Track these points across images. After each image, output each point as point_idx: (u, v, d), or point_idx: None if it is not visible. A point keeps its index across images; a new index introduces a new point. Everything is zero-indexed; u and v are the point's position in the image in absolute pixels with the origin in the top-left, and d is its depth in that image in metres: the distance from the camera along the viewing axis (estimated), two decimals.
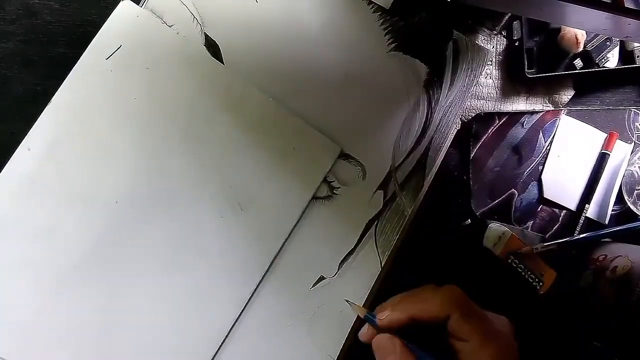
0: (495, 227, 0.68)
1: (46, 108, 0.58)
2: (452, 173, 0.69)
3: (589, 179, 0.70)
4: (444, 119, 0.65)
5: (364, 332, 0.56)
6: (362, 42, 0.63)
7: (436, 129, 0.64)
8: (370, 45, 0.63)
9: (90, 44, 0.59)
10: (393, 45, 0.63)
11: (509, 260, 0.67)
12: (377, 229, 0.63)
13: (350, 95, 0.63)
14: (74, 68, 0.58)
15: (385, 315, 0.53)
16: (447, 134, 0.65)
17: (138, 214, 0.59)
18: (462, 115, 0.67)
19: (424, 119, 0.64)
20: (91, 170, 0.58)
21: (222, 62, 0.61)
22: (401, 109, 0.63)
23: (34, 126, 0.58)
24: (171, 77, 0.60)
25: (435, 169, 0.65)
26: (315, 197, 0.61)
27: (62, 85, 0.58)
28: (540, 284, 0.67)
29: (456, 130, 0.67)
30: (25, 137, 0.57)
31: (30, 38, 0.62)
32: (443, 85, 0.64)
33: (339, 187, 0.62)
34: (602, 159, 0.70)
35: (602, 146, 0.70)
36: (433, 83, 0.64)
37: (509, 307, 0.67)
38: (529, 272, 0.67)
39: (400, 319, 0.52)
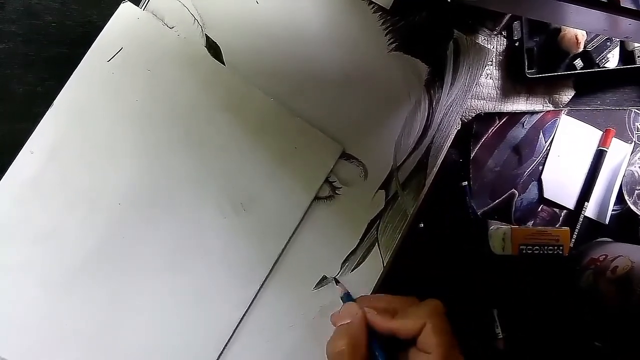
0: (494, 230, 0.68)
1: (48, 111, 0.58)
2: (452, 173, 0.69)
3: (586, 177, 0.70)
4: (445, 118, 0.65)
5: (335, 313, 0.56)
6: (362, 42, 0.63)
7: (437, 128, 0.64)
8: (371, 45, 0.63)
9: (92, 46, 0.59)
10: (394, 45, 0.63)
11: (523, 252, 0.67)
12: (379, 228, 0.63)
13: (352, 95, 0.63)
14: (75, 71, 0.58)
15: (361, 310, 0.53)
16: (448, 134, 0.65)
17: (141, 215, 0.59)
18: (462, 115, 0.67)
19: (425, 119, 0.64)
20: (94, 172, 0.58)
21: (223, 63, 0.61)
22: (402, 108, 0.63)
23: (36, 129, 0.58)
24: (172, 78, 0.60)
25: (436, 169, 0.65)
26: (317, 197, 0.62)
27: (63, 88, 0.58)
28: (561, 248, 0.67)
29: (457, 130, 0.67)
30: (28, 140, 0.57)
31: (31, 38, 0.62)
32: (444, 84, 0.64)
33: (341, 187, 0.62)
34: (599, 156, 0.70)
35: (599, 143, 0.70)
36: (434, 83, 0.64)
37: (511, 304, 0.67)
38: (545, 247, 0.67)
39: (379, 326, 0.53)
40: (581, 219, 0.69)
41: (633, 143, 0.70)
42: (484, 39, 0.69)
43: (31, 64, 0.62)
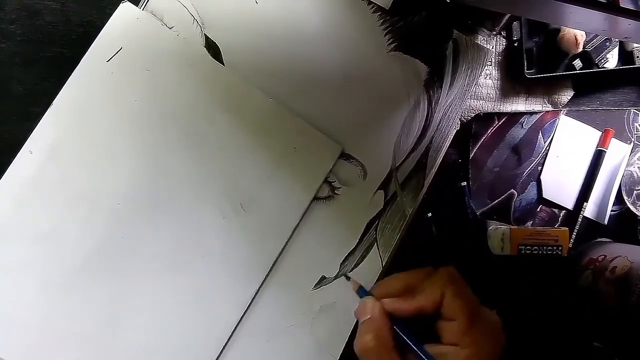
0: (493, 231, 0.68)
1: (47, 111, 0.58)
2: (451, 173, 0.70)
3: (585, 177, 0.70)
4: (444, 118, 0.64)
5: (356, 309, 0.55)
6: (362, 42, 0.63)
7: (436, 128, 0.64)
8: (370, 46, 0.63)
9: (91, 46, 0.59)
10: (393, 45, 0.63)
11: (522, 252, 0.67)
12: (378, 228, 0.63)
13: (351, 95, 0.63)
14: (74, 71, 0.59)
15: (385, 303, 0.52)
16: (447, 134, 0.65)
17: (140, 215, 0.59)
18: (461, 115, 0.67)
19: (424, 119, 0.64)
20: (93, 172, 0.59)
21: (222, 63, 0.61)
22: (401, 109, 0.63)
23: (35, 129, 0.58)
24: (172, 78, 0.60)
25: (435, 169, 0.65)
26: (316, 198, 0.62)
27: (63, 88, 0.58)
28: (560, 248, 0.67)
29: (456, 130, 0.67)
30: (27, 140, 0.58)
31: (30, 38, 0.62)
32: (443, 85, 0.64)
33: (340, 187, 0.62)
34: (598, 157, 0.70)
35: (598, 143, 0.70)
36: (433, 83, 0.64)
37: (511, 304, 0.67)
38: (544, 247, 0.67)
39: (402, 310, 0.51)
40: (580, 219, 0.69)
41: (632, 143, 0.70)
42: (483, 39, 0.69)
43: (31, 64, 0.62)
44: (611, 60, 0.68)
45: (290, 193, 0.61)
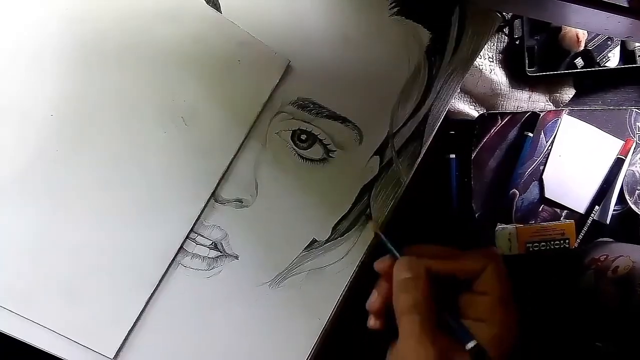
0: (499, 231, 0.67)
1: None
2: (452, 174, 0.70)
3: (601, 183, 0.70)
4: (445, 87, 0.63)
5: (381, 260, 0.54)
6: (363, 5, 0.62)
7: (436, 96, 0.62)
8: (371, 9, 0.62)
9: None
10: (395, 9, 0.62)
11: (530, 250, 0.66)
12: (372, 194, 0.61)
13: (349, 58, 0.61)
14: None
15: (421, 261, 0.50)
16: (446, 102, 0.63)
17: (76, 127, 0.55)
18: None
19: (424, 86, 0.62)
20: (25, 81, 0.54)
21: None
22: (401, 74, 0.62)
23: None
24: None
25: (431, 138, 0.63)
26: (310, 160, 0.60)
27: None
28: (567, 241, 0.66)
29: (456, 96, 0.66)
30: None
31: None
32: (446, 52, 0.63)
33: (335, 151, 0.60)
34: (618, 165, 0.70)
35: (619, 152, 0.70)
36: (435, 50, 0.63)
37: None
38: (551, 242, 0.66)
39: (439, 270, 0.50)
40: (589, 222, 0.69)
41: (634, 143, 0.70)
42: None
43: None
44: (613, 59, 0.69)
45: (235, 106, 0.58)
